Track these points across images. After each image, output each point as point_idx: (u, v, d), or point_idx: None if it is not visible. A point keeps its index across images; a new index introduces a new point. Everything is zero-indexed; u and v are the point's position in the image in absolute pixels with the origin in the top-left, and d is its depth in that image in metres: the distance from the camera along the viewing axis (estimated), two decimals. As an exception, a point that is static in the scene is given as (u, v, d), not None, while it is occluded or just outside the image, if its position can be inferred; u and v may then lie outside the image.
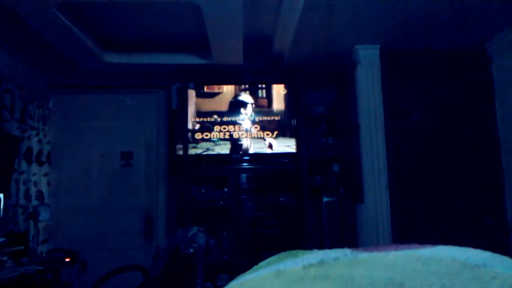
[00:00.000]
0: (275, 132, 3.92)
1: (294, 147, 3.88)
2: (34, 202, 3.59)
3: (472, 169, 3.34)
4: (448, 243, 0.42)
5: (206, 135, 3.88)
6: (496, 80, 3.40)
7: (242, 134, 3.89)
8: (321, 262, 0.38)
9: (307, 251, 0.44)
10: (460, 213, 3.26)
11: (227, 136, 3.89)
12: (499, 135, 3.35)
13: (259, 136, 3.90)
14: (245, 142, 3.88)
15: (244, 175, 3.95)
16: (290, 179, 3.90)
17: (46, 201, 3.77)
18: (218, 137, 3.88)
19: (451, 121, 3.39)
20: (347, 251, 0.41)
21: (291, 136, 3.91)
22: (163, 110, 4.21)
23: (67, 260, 3.04)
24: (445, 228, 3.23)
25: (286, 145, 3.89)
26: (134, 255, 3.84)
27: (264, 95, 4.01)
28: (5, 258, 2.69)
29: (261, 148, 3.88)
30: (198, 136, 3.88)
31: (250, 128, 3.91)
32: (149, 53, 3.74)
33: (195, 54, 3.72)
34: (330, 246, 3.37)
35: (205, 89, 3.93)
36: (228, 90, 3.96)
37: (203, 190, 3.89)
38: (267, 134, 3.90)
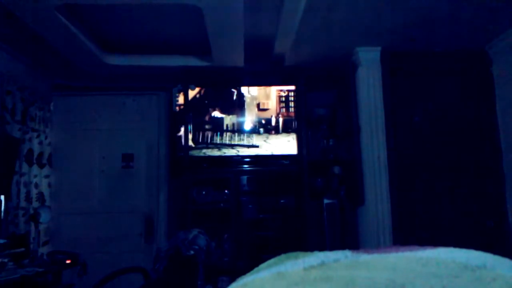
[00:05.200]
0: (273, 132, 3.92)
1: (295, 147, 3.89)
2: (35, 204, 3.59)
3: (473, 171, 3.34)
4: (449, 245, 0.42)
5: (208, 137, 3.88)
6: (497, 82, 3.39)
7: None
8: (322, 264, 0.38)
9: (308, 253, 0.44)
10: (461, 215, 3.26)
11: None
12: (500, 137, 3.35)
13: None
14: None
15: (244, 177, 3.95)
16: (291, 181, 3.89)
17: (47, 203, 3.77)
18: (219, 138, 3.88)
19: (452, 123, 3.39)
20: (348, 253, 0.41)
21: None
22: (164, 112, 4.21)
23: (67, 262, 3.04)
24: (446, 230, 3.23)
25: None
26: (134, 257, 3.84)
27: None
28: (6, 260, 2.68)
29: (266, 150, 3.89)
30: (199, 137, 3.88)
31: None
32: (150, 55, 3.75)
33: (196, 56, 3.72)
34: (331, 248, 3.36)
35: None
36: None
37: (203, 192, 3.89)
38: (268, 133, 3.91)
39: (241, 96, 4.00)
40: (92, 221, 4.02)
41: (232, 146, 3.89)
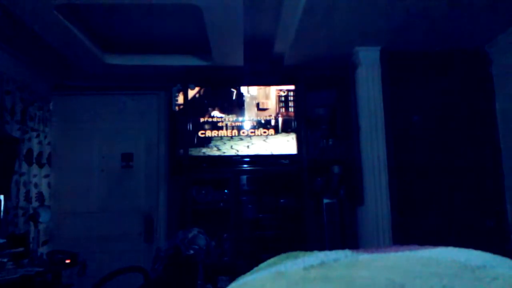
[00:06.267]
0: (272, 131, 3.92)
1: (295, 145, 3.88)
2: (35, 204, 3.59)
3: (472, 170, 3.34)
4: (449, 244, 0.42)
5: (207, 136, 3.88)
6: (496, 82, 3.39)
7: (243, 132, 3.89)
8: (322, 264, 0.38)
9: (308, 253, 0.44)
10: (460, 215, 3.26)
11: (227, 138, 3.89)
12: (500, 136, 3.35)
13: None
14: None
15: (244, 177, 3.95)
16: (290, 180, 3.89)
17: (46, 202, 3.76)
18: (219, 137, 3.88)
19: (451, 123, 3.39)
20: (347, 252, 0.41)
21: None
22: (163, 112, 4.21)
23: (67, 261, 3.04)
24: (445, 230, 3.23)
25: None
26: (134, 257, 3.83)
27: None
28: (6, 260, 2.68)
29: (266, 150, 3.88)
30: (199, 136, 3.88)
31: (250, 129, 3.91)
32: (149, 54, 3.75)
33: (196, 56, 3.72)
34: (331, 248, 3.36)
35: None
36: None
37: (203, 192, 3.89)
38: (264, 132, 3.91)
39: (240, 95, 4.00)
40: (92, 220, 4.02)
41: (231, 146, 3.89)
